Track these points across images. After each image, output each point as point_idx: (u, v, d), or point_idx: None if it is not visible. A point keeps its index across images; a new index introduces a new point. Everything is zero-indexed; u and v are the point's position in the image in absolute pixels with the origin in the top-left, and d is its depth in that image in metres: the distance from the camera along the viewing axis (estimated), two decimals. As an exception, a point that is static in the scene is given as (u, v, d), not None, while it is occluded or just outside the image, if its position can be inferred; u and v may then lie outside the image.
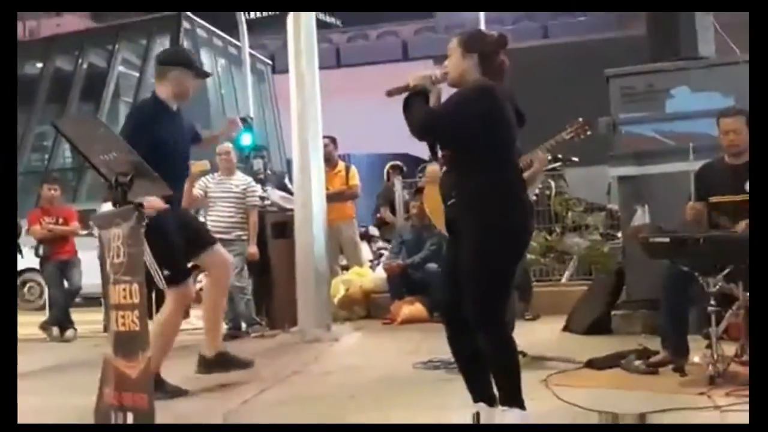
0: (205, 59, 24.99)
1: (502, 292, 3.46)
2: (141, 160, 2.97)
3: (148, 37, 22.42)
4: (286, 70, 6.95)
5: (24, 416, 4.01)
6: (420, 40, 42.86)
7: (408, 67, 36.43)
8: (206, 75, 5.04)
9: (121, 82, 22.65)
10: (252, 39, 19.79)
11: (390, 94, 3.50)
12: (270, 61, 27.21)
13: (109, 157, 2.93)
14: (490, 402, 3.50)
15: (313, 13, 6.81)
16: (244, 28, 18.11)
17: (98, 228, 2.98)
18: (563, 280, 7.39)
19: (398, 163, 9.72)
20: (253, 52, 20.94)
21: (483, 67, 3.44)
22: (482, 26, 17.24)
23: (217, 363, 4.67)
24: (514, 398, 3.40)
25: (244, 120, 14.20)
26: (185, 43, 23.13)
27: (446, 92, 3.54)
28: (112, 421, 2.93)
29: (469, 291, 3.35)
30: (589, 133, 4.81)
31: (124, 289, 2.78)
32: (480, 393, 3.53)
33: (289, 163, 25.06)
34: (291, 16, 6.69)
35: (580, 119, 4.86)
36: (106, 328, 4.30)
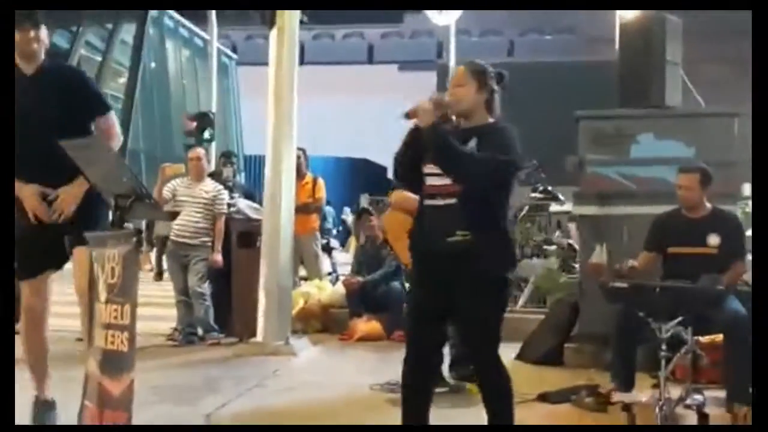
0: (170, 49, 24.75)
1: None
2: (140, 182, 3.03)
3: (115, 22, 22.09)
4: (248, 63, 6.83)
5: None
6: (386, 44, 42.86)
7: (372, 70, 36.34)
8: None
9: (82, 65, 22.32)
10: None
11: (409, 116, 3.44)
12: (235, 55, 27.01)
13: (109, 178, 2.99)
14: None
15: (298, 14, 6.68)
16: (214, 20, 17.92)
17: (92, 246, 3.04)
18: (518, 306, 7.55)
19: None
20: (219, 46, 20.82)
21: (488, 102, 3.56)
22: (452, 36, 17.17)
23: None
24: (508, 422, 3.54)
25: (206, 115, 14.18)
26: (150, 31, 22.88)
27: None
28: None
29: (482, 330, 3.49)
30: (543, 175, 5.00)
31: (116, 309, 2.84)
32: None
33: (246, 160, 24.80)
34: (277, 17, 6.58)
35: (534, 162, 5.04)
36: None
